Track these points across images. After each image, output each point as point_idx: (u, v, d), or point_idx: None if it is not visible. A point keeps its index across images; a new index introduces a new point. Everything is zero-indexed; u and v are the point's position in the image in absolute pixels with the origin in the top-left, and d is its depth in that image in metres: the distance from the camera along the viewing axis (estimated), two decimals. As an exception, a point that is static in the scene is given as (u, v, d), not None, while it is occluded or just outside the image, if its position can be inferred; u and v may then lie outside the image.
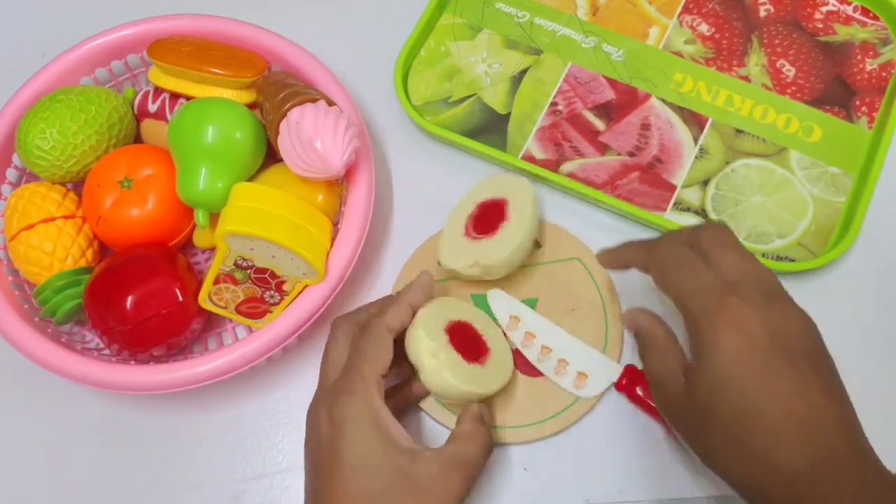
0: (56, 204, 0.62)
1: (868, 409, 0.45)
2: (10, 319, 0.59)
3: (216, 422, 0.63)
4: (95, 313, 0.59)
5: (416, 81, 0.72)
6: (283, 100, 0.58)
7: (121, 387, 0.58)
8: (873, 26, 0.73)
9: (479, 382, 0.56)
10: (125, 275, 0.60)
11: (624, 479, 0.60)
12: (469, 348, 0.57)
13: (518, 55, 0.73)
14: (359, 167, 0.62)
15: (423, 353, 0.54)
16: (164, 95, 0.66)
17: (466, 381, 0.55)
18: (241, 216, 0.56)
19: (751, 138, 0.69)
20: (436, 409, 0.61)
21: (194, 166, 0.59)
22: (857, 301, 0.65)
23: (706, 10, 0.74)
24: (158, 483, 0.62)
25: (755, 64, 0.72)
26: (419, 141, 0.72)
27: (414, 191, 0.70)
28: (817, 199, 0.67)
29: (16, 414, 0.65)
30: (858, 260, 0.66)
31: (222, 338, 0.66)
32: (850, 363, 0.51)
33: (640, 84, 0.71)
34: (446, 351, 0.55)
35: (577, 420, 0.60)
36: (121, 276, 0.60)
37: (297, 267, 0.57)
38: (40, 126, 0.61)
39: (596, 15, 0.74)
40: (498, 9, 0.75)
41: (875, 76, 0.71)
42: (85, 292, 0.60)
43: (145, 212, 0.61)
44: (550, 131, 0.70)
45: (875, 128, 0.69)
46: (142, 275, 0.59)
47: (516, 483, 0.60)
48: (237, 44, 0.67)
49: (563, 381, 0.61)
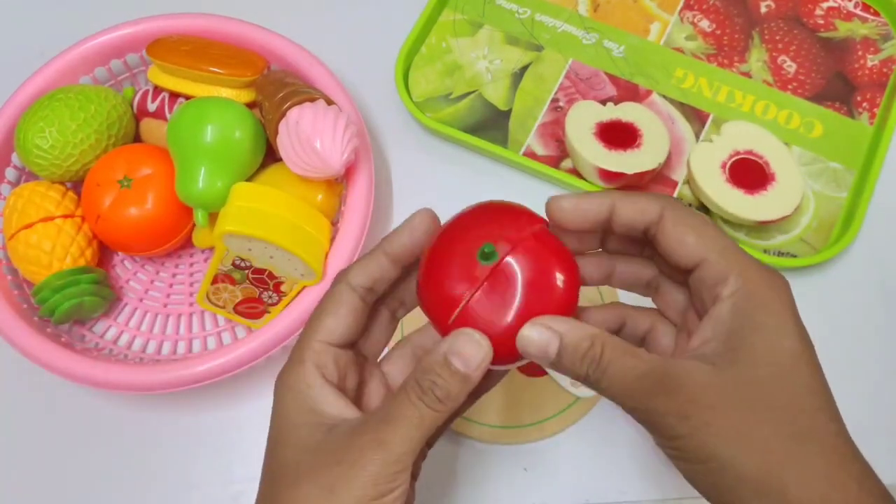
0: (55, 203, 0.62)
1: (869, 405, 0.45)
2: (9, 319, 0.59)
3: (216, 422, 0.63)
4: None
5: (416, 78, 0.72)
6: (282, 99, 0.58)
7: (120, 387, 0.58)
8: (874, 22, 0.73)
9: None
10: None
11: (624, 479, 0.60)
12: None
13: (519, 51, 0.73)
14: (358, 166, 0.62)
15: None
16: (164, 94, 0.66)
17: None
18: (239, 216, 0.56)
19: (752, 135, 0.69)
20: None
21: (193, 165, 0.59)
22: (859, 296, 0.65)
23: (707, 7, 0.74)
24: (158, 483, 0.62)
25: (756, 60, 0.72)
26: (419, 138, 0.72)
27: (414, 189, 0.70)
28: (819, 195, 0.67)
29: (14, 414, 0.65)
30: (860, 255, 0.66)
31: (222, 338, 0.65)
32: (852, 358, 0.51)
33: (642, 80, 0.71)
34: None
35: (577, 420, 0.60)
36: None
37: (295, 268, 0.57)
38: (39, 125, 0.61)
39: (597, 11, 0.74)
40: (499, 5, 0.75)
41: (876, 72, 0.71)
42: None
43: (144, 211, 0.61)
44: (552, 127, 0.70)
45: (876, 123, 0.69)
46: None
47: (516, 483, 0.60)
48: (236, 43, 0.67)
49: (561, 379, 0.60)
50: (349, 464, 0.37)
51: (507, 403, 0.61)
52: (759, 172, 0.64)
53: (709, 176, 0.64)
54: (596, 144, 0.64)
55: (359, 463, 0.37)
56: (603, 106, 0.67)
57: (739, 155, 0.65)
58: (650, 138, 0.65)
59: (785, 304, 0.38)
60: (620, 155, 0.64)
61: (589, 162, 0.63)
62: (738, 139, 0.65)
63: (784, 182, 0.63)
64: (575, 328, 0.38)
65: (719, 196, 0.63)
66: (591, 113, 0.66)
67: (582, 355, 0.37)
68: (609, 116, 0.66)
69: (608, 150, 0.64)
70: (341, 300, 0.42)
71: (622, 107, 0.67)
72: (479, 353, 0.38)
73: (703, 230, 0.39)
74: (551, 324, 0.38)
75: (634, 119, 0.66)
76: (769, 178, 0.63)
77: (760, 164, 0.64)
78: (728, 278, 0.37)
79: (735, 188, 0.63)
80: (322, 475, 0.37)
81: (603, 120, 0.66)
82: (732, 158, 0.64)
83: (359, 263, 0.42)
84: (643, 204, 0.39)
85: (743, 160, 0.64)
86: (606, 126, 0.65)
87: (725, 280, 0.37)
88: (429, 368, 0.38)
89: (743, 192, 0.63)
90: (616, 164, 0.63)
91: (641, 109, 0.67)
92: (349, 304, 0.42)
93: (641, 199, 0.40)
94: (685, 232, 0.39)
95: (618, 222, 0.40)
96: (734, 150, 0.65)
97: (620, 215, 0.40)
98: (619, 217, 0.40)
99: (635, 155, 0.64)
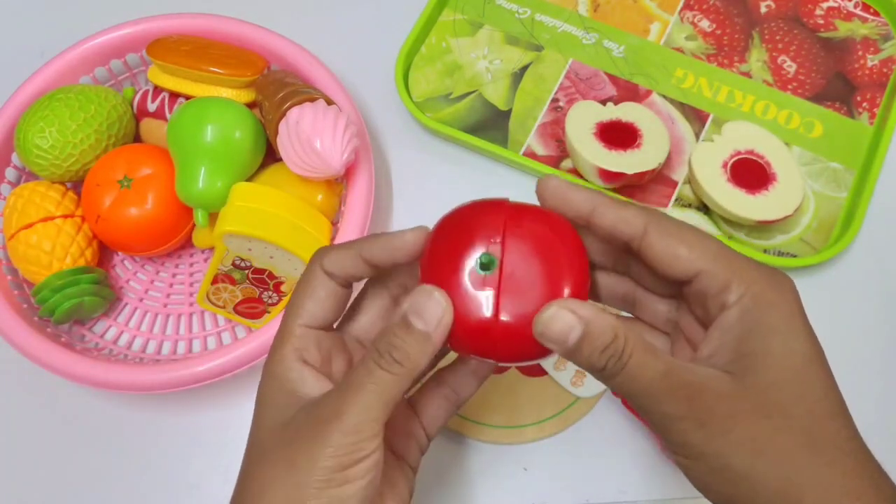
0: (55, 203, 0.62)
1: (870, 405, 0.45)
2: (9, 319, 0.59)
3: (215, 421, 0.63)
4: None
5: (416, 78, 0.72)
6: (282, 99, 0.58)
7: (120, 387, 0.58)
8: (874, 22, 0.73)
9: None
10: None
11: (624, 479, 0.60)
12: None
13: (519, 51, 0.73)
14: (358, 166, 0.62)
15: None
16: (164, 94, 0.66)
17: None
18: (239, 216, 0.56)
19: (752, 135, 0.69)
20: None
21: (193, 165, 0.59)
22: (859, 296, 0.65)
23: (707, 7, 0.74)
24: (158, 483, 0.62)
25: (756, 60, 0.72)
26: (419, 138, 0.71)
27: (414, 188, 0.70)
28: (819, 195, 0.67)
29: (14, 413, 0.65)
30: (860, 255, 0.66)
31: (222, 338, 0.65)
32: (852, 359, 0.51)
33: (642, 80, 0.71)
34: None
35: (577, 420, 0.60)
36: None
37: (295, 268, 0.57)
38: (39, 125, 0.61)
39: (597, 11, 0.74)
40: (499, 5, 0.75)
41: (876, 72, 0.71)
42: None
43: (144, 211, 0.61)
44: (552, 127, 0.70)
45: (876, 123, 0.69)
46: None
47: (516, 483, 0.60)
48: (236, 43, 0.67)
49: (561, 378, 0.60)
50: (311, 437, 0.36)
51: (507, 403, 0.61)
52: (759, 172, 0.64)
53: (710, 176, 0.64)
54: (596, 144, 0.64)
55: (320, 436, 0.36)
56: (603, 106, 0.67)
57: (740, 155, 0.65)
58: (650, 138, 0.65)
59: (792, 304, 0.37)
60: (620, 155, 0.64)
61: (589, 162, 0.63)
62: (739, 139, 0.65)
63: (785, 182, 0.63)
64: (600, 316, 0.35)
65: (720, 196, 0.63)
66: (591, 113, 0.66)
67: (603, 347, 0.35)
68: (609, 116, 0.66)
69: (608, 150, 0.64)
70: (318, 283, 0.41)
71: (622, 107, 0.67)
72: (438, 308, 0.36)
73: (693, 240, 0.37)
74: (577, 308, 0.35)
75: (634, 119, 0.66)
76: (770, 178, 0.63)
77: (761, 164, 0.64)
78: (730, 285, 0.36)
79: (736, 188, 0.63)
80: (287, 451, 0.37)
81: (603, 120, 0.66)
82: (733, 158, 0.64)
83: (336, 251, 0.41)
84: (626, 214, 0.38)
85: (744, 160, 0.64)
86: (606, 126, 0.65)
87: (728, 287, 0.36)
88: (388, 331, 0.37)
89: (744, 191, 0.63)
90: (616, 164, 0.63)
91: (641, 109, 0.67)
92: (327, 287, 0.41)
93: (625, 209, 0.38)
94: (674, 245, 0.37)
95: (598, 225, 0.38)
96: (735, 150, 0.65)
97: (602, 219, 0.38)
98: (600, 220, 0.38)
99: (635, 155, 0.64)
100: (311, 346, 0.40)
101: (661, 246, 0.37)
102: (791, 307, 0.37)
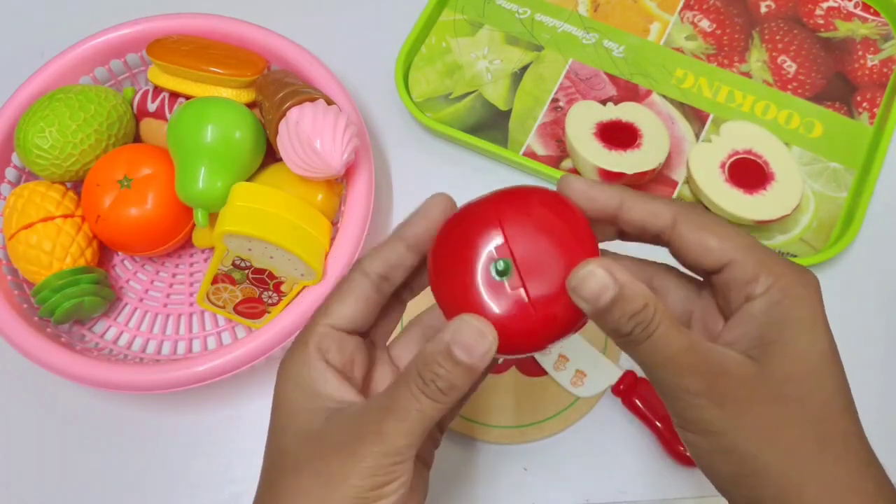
0: (55, 203, 0.62)
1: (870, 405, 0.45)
2: (9, 319, 0.59)
3: (216, 421, 0.63)
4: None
5: (416, 78, 0.72)
6: (282, 99, 0.58)
7: (120, 386, 0.58)
8: (874, 22, 0.73)
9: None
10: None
11: (624, 479, 0.60)
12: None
13: (519, 51, 0.73)
14: (358, 166, 0.62)
15: None
16: (164, 94, 0.66)
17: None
18: (238, 216, 0.56)
19: (752, 135, 0.69)
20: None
21: (193, 165, 0.59)
22: (859, 296, 0.65)
23: (707, 7, 0.74)
24: (158, 483, 0.62)
25: (756, 60, 0.72)
26: (419, 138, 0.71)
27: (414, 188, 0.70)
28: (819, 195, 0.67)
29: (14, 413, 0.65)
30: (860, 255, 0.66)
31: (222, 338, 0.66)
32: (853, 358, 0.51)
33: (642, 80, 0.71)
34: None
35: (577, 420, 0.60)
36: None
37: (294, 268, 0.57)
38: (39, 125, 0.61)
39: (597, 11, 0.74)
40: (499, 5, 0.75)
41: (876, 72, 0.71)
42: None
43: (144, 211, 0.61)
44: (552, 127, 0.70)
45: (876, 123, 0.69)
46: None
47: (516, 483, 0.60)
48: (236, 43, 0.67)
49: (561, 378, 0.60)
50: (348, 454, 0.36)
51: (507, 403, 0.61)
52: (758, 172, 0.64)
53: (708, 176, 0.64)
54: (596, 144, 0.64)
55: (358, 454, 0.36)
56: (603, 106, 0.67)
57: (738, 155, 0.65)
58: (650, 138, 0.65)
59: (817, 301, 0.38)
60: (620, 155, 0.64)
61: (589, 162, 0.63)
62: (738, 139, 0.65)
63: (783, 182, 0.63)
64: (634, 283, 0.35)
65: (719, 196, 0.63)
66: (591, 113, 0.66)
67: (633, 312, 0.34)
68: (609, 116, 0.66)
69: (608, 150, 0.64)
70: (351, 286, 0.41)
71: (622, 107, 0.67)
72: (484, 342, 0.35)
73: (723, 231, 0.38)
74: (613, 269, 0.34)
75: (634, 119, 0.66)
76: (769, 178, 0.63)
77: (760, 164, 0.64)
78: (759, 277, 0.37)
79: (734, 188, 0.63)
80: (320, 464, 0.37)
81: (603, 120, 0.66)
82: (732, 158, 0.64)
83: (375, 250, 0.41)
84: (655, 207, 0.38)
85: (742, 160, 0.64)
86: (606, 126, 0.65)
87: (756, 278, 0.37)
88: (430, 359, 0.36)
89: (742, 191, 0.63)
90: (616, 164, 0.63)
91: (641, 109, 0.67)
92: (359, 291, 0.40)
93: (653, 202, 0.38)
94: (705, 236, 0.38)
95: (627, 221, 0.39)
96: (733, 150, 0.65)
97: (631, 214, 0.39)
98: (629, 215, 0.39)
99: (635, 155, 0.64)
100: (333, 347, 0.40)
101: (693, 238, 0.38)
102: (816, 304, 0.38)
